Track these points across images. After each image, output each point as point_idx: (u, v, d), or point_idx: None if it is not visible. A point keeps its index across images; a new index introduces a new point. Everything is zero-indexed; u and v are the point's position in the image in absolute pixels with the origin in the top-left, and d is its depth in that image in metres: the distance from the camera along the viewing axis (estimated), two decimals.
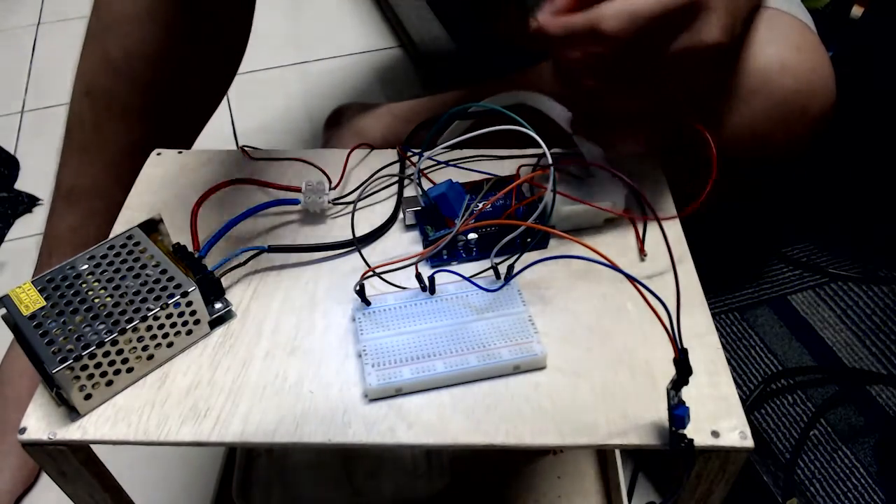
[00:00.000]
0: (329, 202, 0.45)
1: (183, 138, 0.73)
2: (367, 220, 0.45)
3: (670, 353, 0.32)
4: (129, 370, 0.36)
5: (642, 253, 0.43)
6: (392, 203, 0.46)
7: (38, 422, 0.35)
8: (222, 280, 0.40)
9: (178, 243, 0.41)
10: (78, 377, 0.34)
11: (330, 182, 0.46)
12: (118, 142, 0.67)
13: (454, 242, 0.42)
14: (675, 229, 0.43)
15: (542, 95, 0.45)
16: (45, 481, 0.72)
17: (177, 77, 0.67)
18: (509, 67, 0.71)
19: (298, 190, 0.45)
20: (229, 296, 0.40)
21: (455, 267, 0.42)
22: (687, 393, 0.32)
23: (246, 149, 0.49)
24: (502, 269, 0.39)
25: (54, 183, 0.70)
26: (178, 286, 0.36)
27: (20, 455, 0.69)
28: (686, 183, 0.46)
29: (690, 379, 0.32)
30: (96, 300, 0.36)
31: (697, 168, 0.43)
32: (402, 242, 0.44)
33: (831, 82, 0.56)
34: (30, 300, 0.36)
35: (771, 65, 0.54)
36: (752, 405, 0.61)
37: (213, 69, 0.72)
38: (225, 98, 1.20)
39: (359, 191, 0.46)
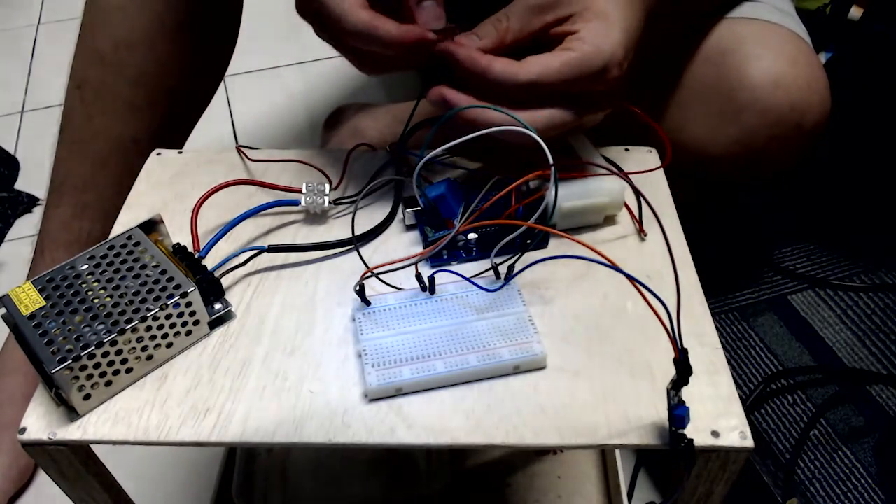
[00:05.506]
0: (330, 203, 0.45)
1: (175, 134, 0.72)
2: (368, 220, 0.45)
3: (670, 353, 0.32)
4: (129, 371, 0.36)
5: (642, 233, 0.43)
6: (392, 202, 0.46)
7: (38, 421, 0.35)
8: (222, 280, 0.40)
9: (178, 243, 0.41)
10: (77, 377, 0.34)
11: (330, 183, 0.46)
12: (108, 135, 0.67)
13: (454, 242, 0.42)
14: (675, 229, 0.43)
15: None
16: (40, 482, 0.72)
17: (166, 68, 0.66)
18: None
19: (299, 191, 0.45)
20: (229, 296, 0.40)
21: (455, 267, 0.42)
22: (687, 393, 0.32)
23: (243, 149, 0.49)
24: (502, 269, 0.39)
25: (49, 179, 0.70)
26: (177, 287, 0.36)
27: (11, 452, 0.69)
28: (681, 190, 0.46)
29: (690, 379, 0.32)
30: (96, 300, 0.36)
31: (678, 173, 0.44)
32: (403, 243, 0.44)
33: (826, 96, 0.54)
34: (29, 300, 0.36)
35: (764, 80, 0.53)
36: (752, 405, 0.61)
37: (203, 61, 0.71)
38: (225, 98, 1.21)
39: (360, 191, 0.46)
